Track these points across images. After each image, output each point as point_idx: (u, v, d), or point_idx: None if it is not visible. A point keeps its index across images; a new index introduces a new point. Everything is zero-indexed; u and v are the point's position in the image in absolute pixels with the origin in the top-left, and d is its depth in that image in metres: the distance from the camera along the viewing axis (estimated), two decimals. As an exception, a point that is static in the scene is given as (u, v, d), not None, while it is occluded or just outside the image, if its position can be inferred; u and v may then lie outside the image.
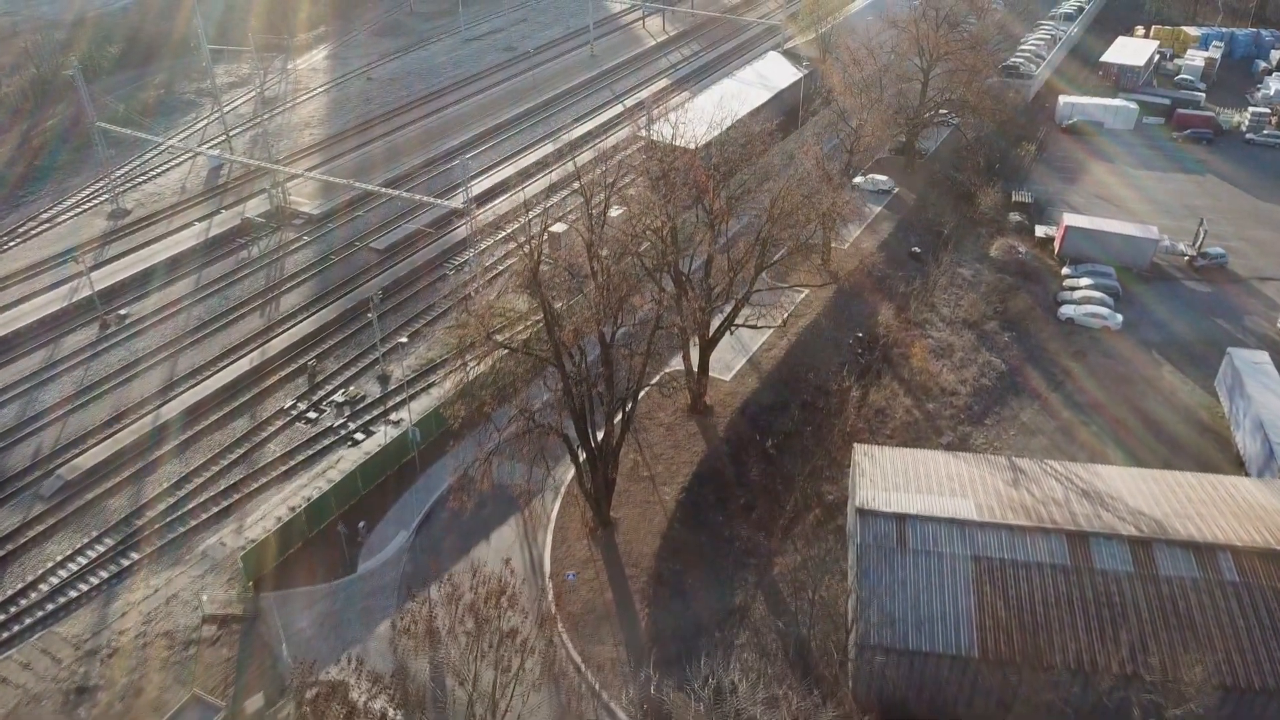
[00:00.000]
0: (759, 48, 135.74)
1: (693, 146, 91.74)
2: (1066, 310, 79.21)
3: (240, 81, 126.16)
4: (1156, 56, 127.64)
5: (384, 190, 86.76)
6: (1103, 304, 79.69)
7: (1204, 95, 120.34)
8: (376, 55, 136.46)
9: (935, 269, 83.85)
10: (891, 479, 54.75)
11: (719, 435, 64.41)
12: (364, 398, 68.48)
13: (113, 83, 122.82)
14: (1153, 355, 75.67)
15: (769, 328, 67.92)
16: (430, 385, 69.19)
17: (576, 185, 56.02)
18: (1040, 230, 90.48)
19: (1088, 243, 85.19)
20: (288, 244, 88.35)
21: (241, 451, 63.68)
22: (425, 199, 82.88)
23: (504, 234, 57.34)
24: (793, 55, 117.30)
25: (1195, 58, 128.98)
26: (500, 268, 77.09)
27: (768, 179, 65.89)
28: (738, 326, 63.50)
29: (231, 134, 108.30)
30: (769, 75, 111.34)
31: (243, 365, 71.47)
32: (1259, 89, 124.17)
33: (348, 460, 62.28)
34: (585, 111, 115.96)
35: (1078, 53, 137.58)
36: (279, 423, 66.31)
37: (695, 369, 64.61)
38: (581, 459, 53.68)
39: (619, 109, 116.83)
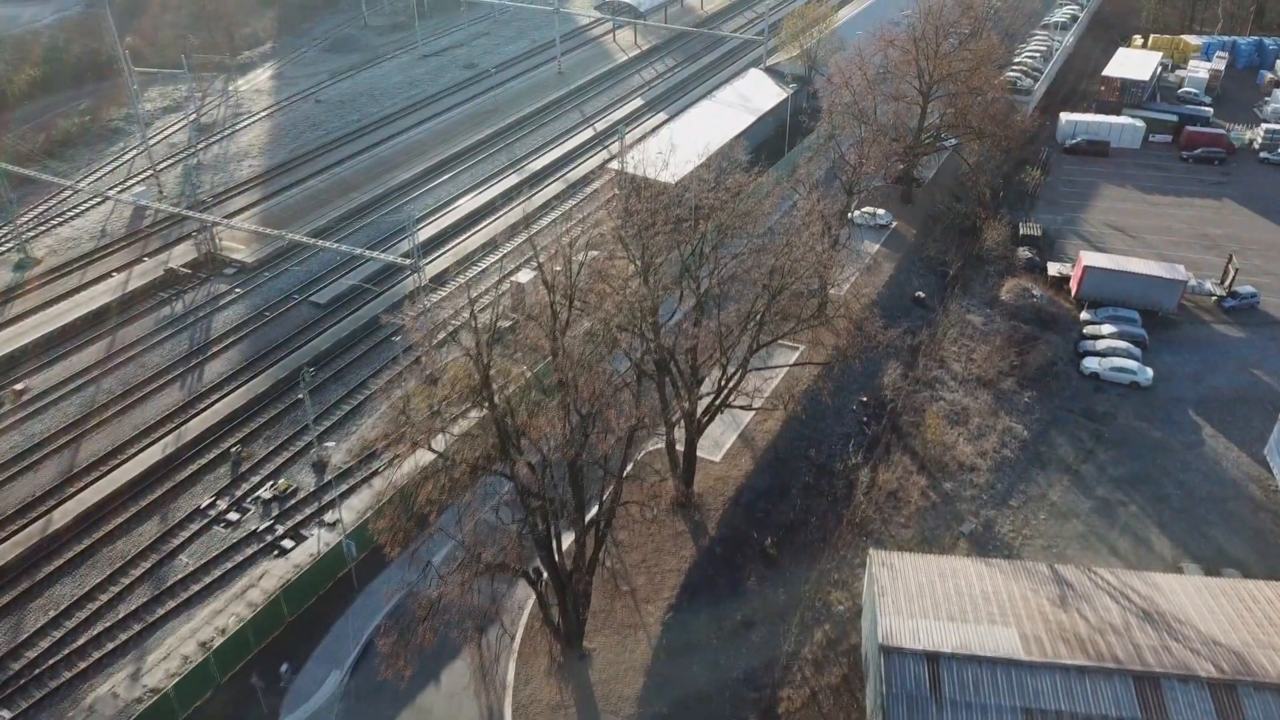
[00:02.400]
0: (737, 61, 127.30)
1: (669, 180, 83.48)
2: (1090, 364, 71.04)
3: (176, 105, 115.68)
4: (1159, 69, 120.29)
5: (317, 243, 76.68)
6: (1129, 355, 71.60)
7: (1211, 110, 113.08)
8: (326, 74, 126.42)
9: (943, 317, 75.48)
10: (916, 598, 46.15)
11: (710, 533, 55.49)
12: (295, 491, 58.85)
13: (31, 110, 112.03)
14: (1189, 416, 67.61)
15: (765, 409, 58.87)
16: (374, 473, 59.72)
17: (536, 268, 46.43)
18: (1054, 268, 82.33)
19: (1109, 284, 77.14)
20: (217, 297, 78.40)
21: (147, 566, 53.88)
22: (367, 253, 73.01)
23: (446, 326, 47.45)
24: (776, 73, 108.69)
25: (1198, 69, 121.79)
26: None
27: (760, 237, 56.66)
28: (729, 407, 54.60)
29: (160, 168, 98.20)
30: (751, 96, 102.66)
31: (155, 453, 61.59)
32: (1267, 102, 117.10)
33: (272, 576, 52.69)
34: (552, 136, 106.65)
35: (1073, 63, 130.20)
36: (194, 526, 56.55)
37: (680, 455, 55.67)
38: (546, 579, 44.61)
39: (589, 133, 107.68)
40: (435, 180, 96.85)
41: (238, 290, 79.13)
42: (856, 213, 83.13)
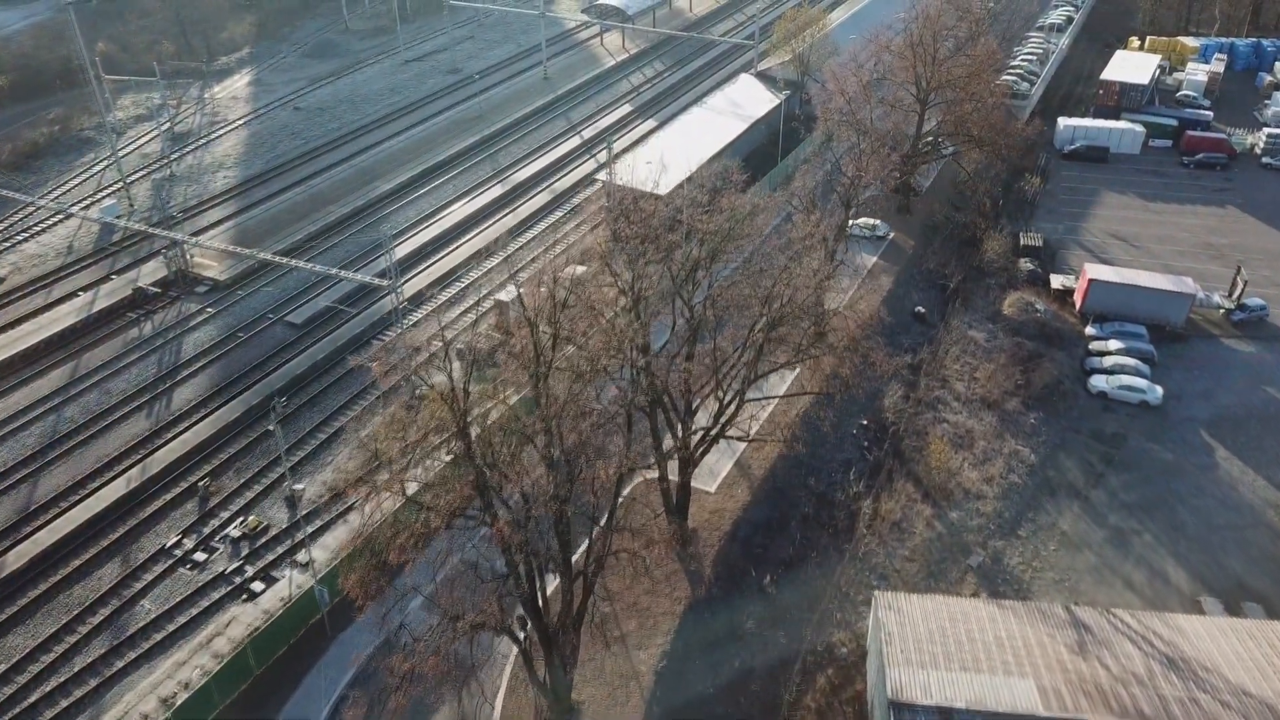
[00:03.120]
0: (728, 66, 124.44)
1: (659, 192, 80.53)
2: (1098, 382, 68.38)
3: (149, 114, 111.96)
4: (1157, 72, 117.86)
5: (289, 262, 73.08)
6: (1137, 373, 68.98)
7: (1211, 114, 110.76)
8: (305, 81, 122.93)
9: (944, 334, 72.73)
10: (926, 645, 43.31)
11: (705, 572, 52.52)
12: (265, 529, 55.61)
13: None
14: (1202, 437, 65.00)
15: (762, 440, 55.85)
16: (350, 507, 56.45)
17: (518, 299, 43.19)
18: (1056, 280, 79.67)
19: (1115, 298, 74.52)
20: (188, 318, 75.01)
21: (106, 613, 50.56)
22: (341, 273, 69.65)
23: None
24: (767, 78, 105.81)
25: (1197, 71, 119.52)
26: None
27: (755, 253, 53.60)
28: (725, 438, 51.61)
29: (130, 180, 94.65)
30: (743, 102, 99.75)
31: (118, 487, 58.23)
32: (1267, 105, 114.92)
33: (240, 623, 49.45)
34: (538, 145, 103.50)
35: (1069, 66, 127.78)
36: (157, 568, 53.22)
37: (673, 486, 52.66)
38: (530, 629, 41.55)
39: (576, 141, 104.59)
40: (417, 192, 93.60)
41: (209, 310, 75.75)
42: (853, 224, 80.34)
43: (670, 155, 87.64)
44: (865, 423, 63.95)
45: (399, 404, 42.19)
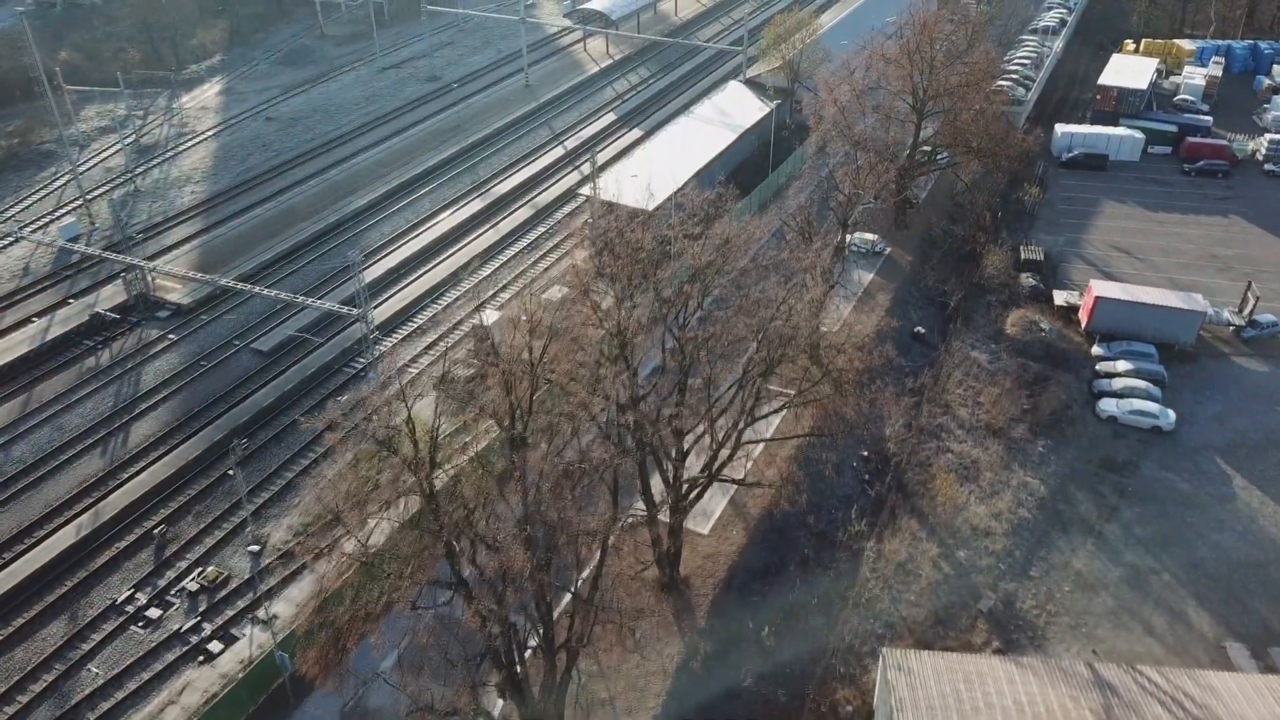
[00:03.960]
0: (715, 71, 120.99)
1: (646, 208, 76.92)
2: (1107, 406, 65.24)
3: (114, 125, 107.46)
4: (1155, 76, 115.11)
5: (250, 289, 68.70)
6: (1148, 396, 65.89)
7: (1211, 119, 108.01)
8: (278, 89, 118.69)
9: (945, 356, 69.45)
10: (940, 712, 39.92)
11: (699, 624, 48.97)
12: (226, 580, 51.69)
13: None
14: (1218, 465, 61.94)
15: (760, 485, 52.29)
16: (320, 553, 52.46)
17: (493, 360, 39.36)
18: (1060, 297, 76.52)
19: (1122, 316, 71.44)
20: (148, 345, 70.90)
21: (50, 679, 46.56)
22: (306, 300, 65.58)
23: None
24: (756, 85, 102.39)
25: (1194, 75, 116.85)
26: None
27: (747, 279, 49.98)
28: (719, 480, 48.05)
29: (92, 196, 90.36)
30: (732, 111, 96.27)
31: (68, 535, 54.18)
32: (1266, 109, 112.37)
33: (195, 690, 45.58)
34: (519, 156, 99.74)
35: (1062, 70, 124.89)
36: (107, 627, 49.24)
37: (664, 525, 49.06)
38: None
39: (559, 151, 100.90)
40: (393, 207, 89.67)
41: (171, 336, 71.65)
42: (849, 238, 77.04)
43: (657, 168, 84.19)
44: (866, 454, 60.55)
45: (357, 454, 38.38)
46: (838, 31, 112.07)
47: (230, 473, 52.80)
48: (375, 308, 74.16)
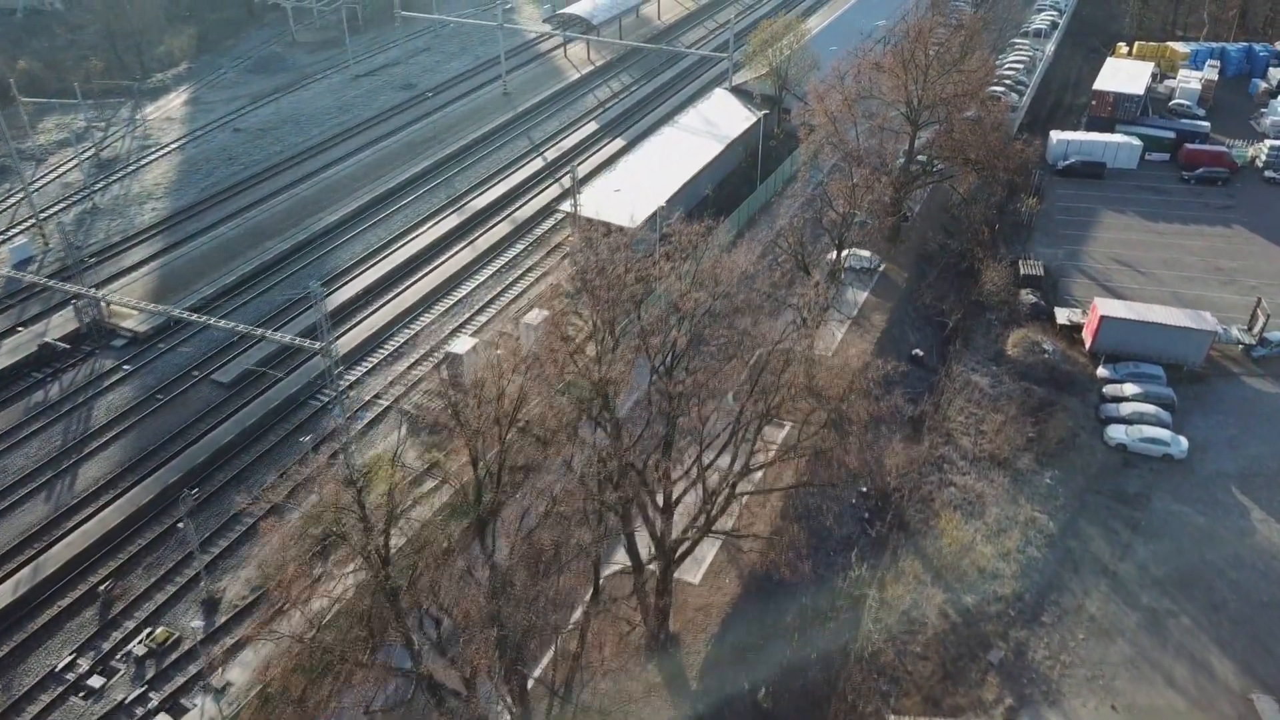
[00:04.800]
0: (700, 77, 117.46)
1: (629, 226, 73.30)
2: (1116, 434, 62.08)
3: (74, 138, 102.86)
4: (1150, 80, 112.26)
5: (202, 319, 64.11)
6: (1159, 421, 62.76)
7: (1209, 124, 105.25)
8: (247, 99, 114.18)
9: (945, 380, 66.10)
10: (955, 790, 36.41)
11: (691, 685, 45.29)
12: (176, 642, 47.67)
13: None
14: (1234, 496, 58.87)
15: (750, 536, 48.66)
16: (280, 609, 48.55)
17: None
18: (1062, 315, 73.34)
19: (1128, 336, 68.35)
20: (101, 377, 66.66)
21: (-21, 760, 42.54)
22: (264, 333, 61.30)
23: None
24: (743, 93, 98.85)
25: (1190, 79, 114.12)
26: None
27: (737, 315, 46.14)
28: (712, 534, 44.40)
29: (45, 215, 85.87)
30: (718, 120, 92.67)
31: (5, 593, 49.96)
32: (1264, 113, 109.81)
33: (139, 771, 41.60)
34: (498, 168, 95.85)
35: (1054, 74, 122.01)
36: (45, 698, 45.14)
37: (652, 574, 45.40)
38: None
39: (539, 162, 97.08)
40: (364, 224, 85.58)
41: (126, 367, 67.41)
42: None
43: (640, 182, 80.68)
44: (865, 489, 57.07)
45: (301, 517, 34.72)
46: (826, 36, 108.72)
47: (180, 525, 48.82)
48: (345, 333, 70.40)
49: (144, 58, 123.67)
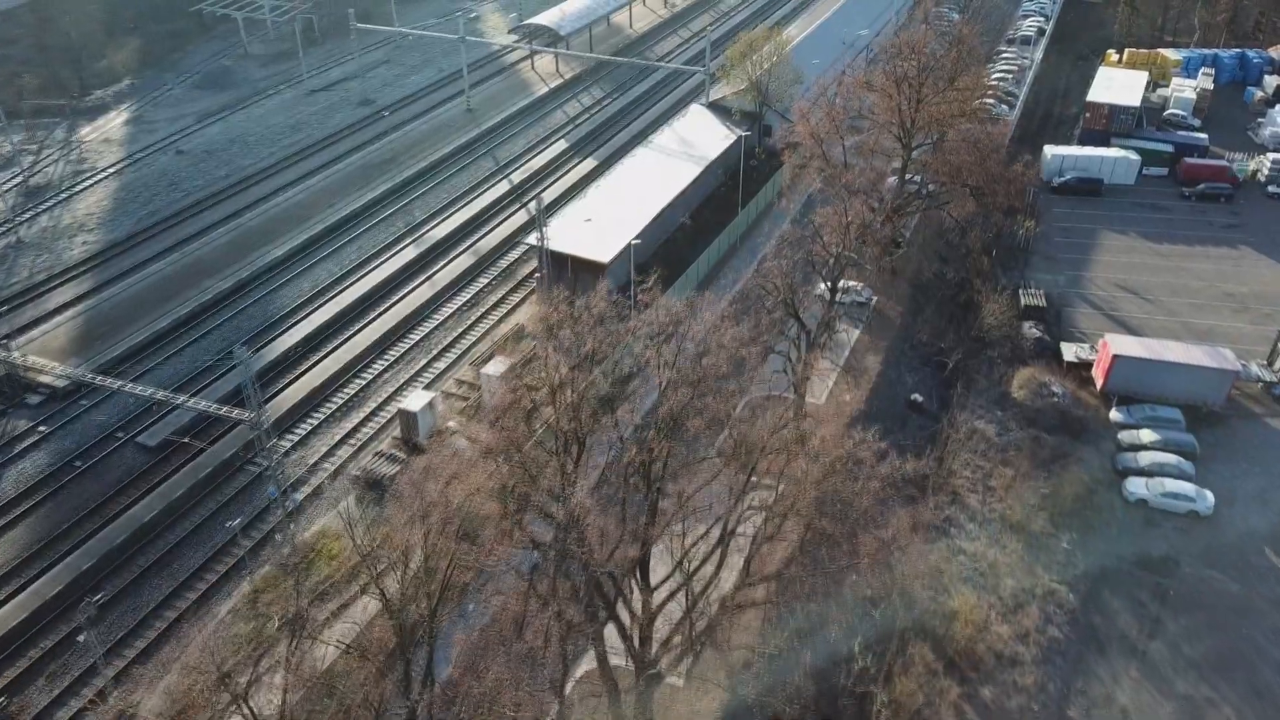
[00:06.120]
0: (675, 89, 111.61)
1: (603, 260, 67.59)
2: (1136, 488, 56.79)
3: (2, 163, 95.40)
4: (1144, 91, 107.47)
5: (112, 384, 56.65)
6: (1181, 474, 57.55)
7: (1206, 136, 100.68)
8: (193, 117, 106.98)
9: (949, 430, 60.53)
10: None
11: (675, 819, 39.33)
12: (80, 775, 41.12)
13: None
14: (1269, 558, 53.72)
15: (741, 649, 42.79)
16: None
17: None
18: (1069, 351, 68.03)
19: (1143, 376, 63.17)
20: (12, 441, 59.71)
21: None
22: (184, 400, 54.19)
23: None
24: (721, 109, 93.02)
25: (1184, 88, 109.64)
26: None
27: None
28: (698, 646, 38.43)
29: (-38, 252, 78.67)
30: (695, 140, 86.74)
31: (-120, 715, 43.19)
32: (1261, 124, 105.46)
33: None
34: (460, 192, 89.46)
35: (1042, 83, 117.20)
36: None
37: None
38: None
39: (504, 185, 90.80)
40: (314, 258, 78.93)
41: (41, 429, 60.52)
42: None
43: (613, 209, 74.70)
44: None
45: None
46: (807, 48, 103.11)
47: (83, 637, 42.32)
48: (288, 385, 63.91)
49: (83, 73, 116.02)
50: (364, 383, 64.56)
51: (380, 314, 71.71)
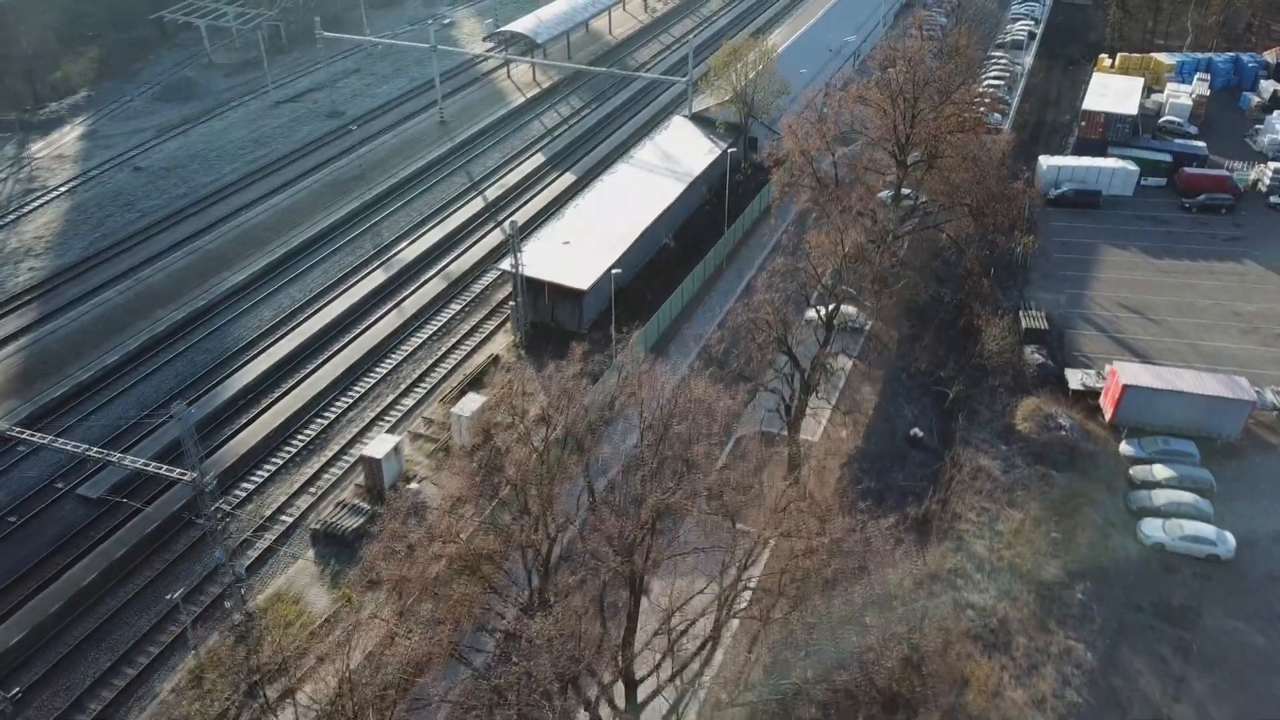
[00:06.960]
0: (656, 99, 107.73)
1: (581, 287, 63.59)
2: (1153, 531, 53.25)
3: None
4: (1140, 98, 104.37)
5: (33, 437, 50.06)
6: (1198, 513, 54.09)
7: (1204, 144, 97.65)
8: (152, 130, 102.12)
9: (951, 469, 56.83)
10: None
11: None
12: None
13: None
14: (1297, 607, 50.30)
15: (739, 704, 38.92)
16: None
17: None
18: (1074, 378, 64.46)
19: (1155, 407, 59.70)
20: (-59, 494, 55.08)
21: None
22: (121, 459, 48.51)
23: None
24: (704, 120, 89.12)
25: (1179, 94, 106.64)
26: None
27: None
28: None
29: (-103, 282, 73.72)
30: (678, 154, 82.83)
31: None
32: (1259, 130, 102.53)
33: None
34: (431, 211, 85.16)
35: (1033, 89, 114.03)
36: None
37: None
38: None
39: (479, 203, 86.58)
40: (274, 284, 74.46)
41: (-28, 481, 55.94)
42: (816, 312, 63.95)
43: (592, 231, 70.71)
44: (867, 620, 47.45)
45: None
46: (792, 55, 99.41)
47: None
48: (243, 428, 59.46)
49: (36, 85, 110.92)
50: (326, 422, 60.20)
51: (345, 345, 67.37)
